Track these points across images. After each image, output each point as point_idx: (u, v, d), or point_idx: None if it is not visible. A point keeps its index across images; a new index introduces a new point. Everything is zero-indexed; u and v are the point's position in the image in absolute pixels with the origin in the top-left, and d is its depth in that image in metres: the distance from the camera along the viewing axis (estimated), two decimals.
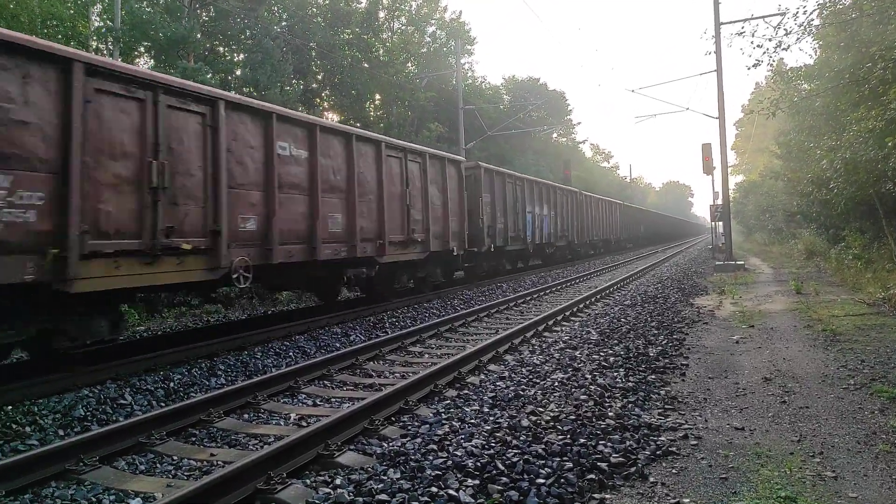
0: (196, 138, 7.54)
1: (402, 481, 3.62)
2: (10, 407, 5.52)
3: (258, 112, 8.58)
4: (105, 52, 19.29)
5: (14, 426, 5.11)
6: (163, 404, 5.96)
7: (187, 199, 7.37)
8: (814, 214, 21.97)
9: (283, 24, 25.89)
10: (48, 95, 5.92)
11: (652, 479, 3.73)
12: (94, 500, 3.86)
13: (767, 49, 15.48)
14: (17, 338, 6.07)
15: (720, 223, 25.00)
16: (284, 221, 8.84)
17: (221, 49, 24.70)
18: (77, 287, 6.01)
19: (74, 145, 6.05)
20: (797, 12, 15.51)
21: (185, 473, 4.30)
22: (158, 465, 4.47)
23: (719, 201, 24.03)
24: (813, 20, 15.13)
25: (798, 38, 15.33)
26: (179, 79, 8.06)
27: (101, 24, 21.00)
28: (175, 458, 4.55)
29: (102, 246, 6.31)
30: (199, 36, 21.16)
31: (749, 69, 16.98)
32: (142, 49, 21.22)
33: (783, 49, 15.49)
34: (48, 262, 5.77)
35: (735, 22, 20.26)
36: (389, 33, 33.22)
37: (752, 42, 19.64)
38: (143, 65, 21.32)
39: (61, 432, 5.14)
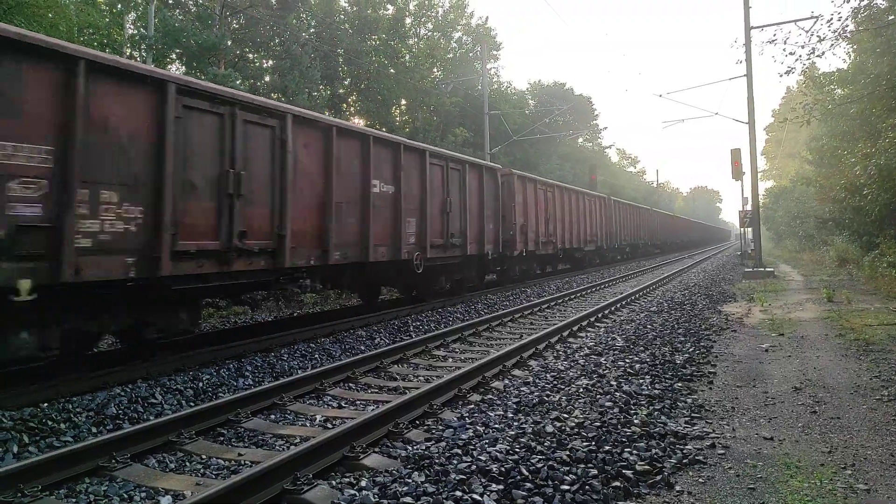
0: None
1: (426, 485, 3.64)
2: (45, 404, 5.68)
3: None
4: (138, 58, 19.75)
5: (49, 423, 5.25)
6: (192, 404, 6.07)
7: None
8: (846, 221, 21.49)
9: (312, 30, 26.25)
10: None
11: (678, 488, 3.69)
12: (125, 496, 3.95)
13: (800, 56, 15.25)
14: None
15: (749, 229, 24.59)
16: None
17: (251, 55, 25.12)
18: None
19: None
20: (831, 18, 15.13)
21: (214, 472, 4.37)
22: (188, 463, 4.56)
23: (748, 207, 23.65)
24: (847, 26, 14.83)
25: (832, 45, 15.04)
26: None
27: (135, 31, 21.53)
28: (204, 457, 4.64)
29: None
30: (229, 43, 21.55)
31: (781, 76, 16.73)
32: (173, 56, 21.68)
33: (817, 56, 15.21)
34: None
35: (766, 26, 19.95)
36: (416, 39, 33.43)
37: (784, 49, 19.28)
38: (175, 71, 21.75)
39: (94, 430, 5.27)
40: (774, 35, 18.40)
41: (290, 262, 8.43)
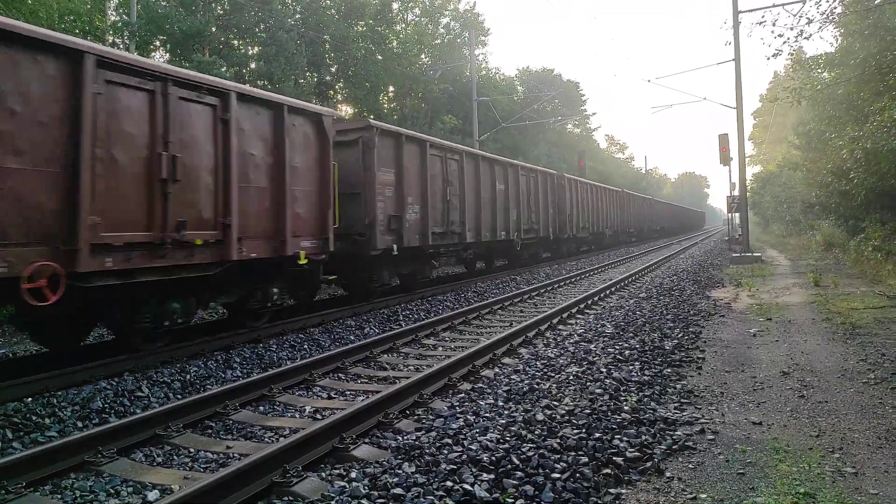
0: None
1: (417, 475, 3.62)
2: (30, 398, 5.60)
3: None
4: (121, 46, 19.41)
5: (34, 418, 5.18)
6: (179, 396, 6.01)
7: None
8: (833, 205, 21.64)
9: (297, 16, 25.87)
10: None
11: (668, 474, 3.69)
12: (112, 491, 3.90)
13: (788, 39, 15.23)
14: None
15: (737, 214, 24.70)
16: None
17: (236, 42, 24.75)
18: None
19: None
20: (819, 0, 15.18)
21: (202, 466, 4.33)
22: (175, 457, 4.51)
23: (736, 192, 23.75)
24: (836, 8, 14.83)
25: (820, 27, 15.04)
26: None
27: (118, 18, 21.15)
28: (192, 450, 4.60)
29: None
30: (213, 29, 21.25)
31: (769, 59, 16.72)
32: (157, 43, 21.34)
33: (805, 38, 15.23)
34: None
35: (754, 10, 19.96)
36: (403, 25, 33.12)
37: (772, 31, 19.20)
38: (159, 58, 21.45)
39: (80, 424, 5.21)
40: (763, 17, 18.31)
41: None
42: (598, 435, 4.18)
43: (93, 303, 6.78)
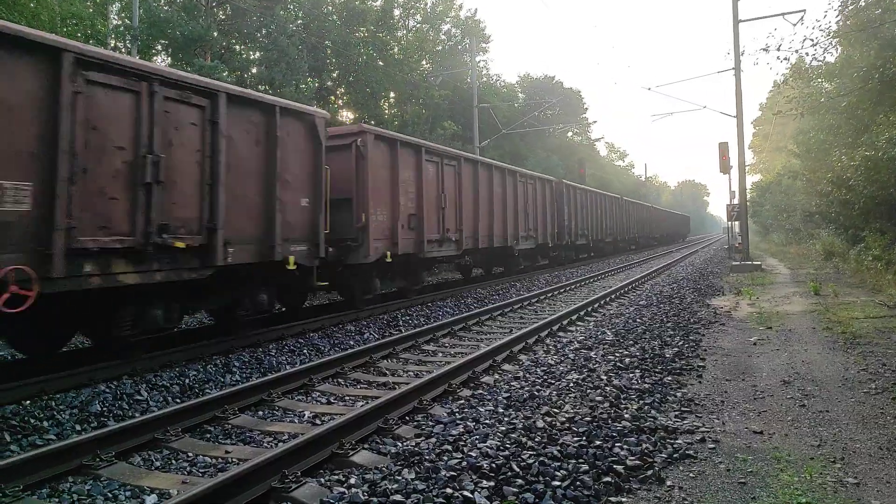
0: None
1: (416, 482, 3.60)
2: (28, 401, 5.58)
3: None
4: (123, 49, 19.46)
5: (32, 421, 5.16)
6: (178, 400, 5.98)
7: None
8: (833, 214, 21.66)
9: (299, 22, 25.95)
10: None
11: (669, 483, 3.68)
12: (109, 495, 3.88)
13: (793, 65, 15.32)
14: None
15: (737, 223, 24.72)
16: None
17: (237, 47, 24.83)
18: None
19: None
20: (825, 15, 15.42)
21: (201, 470, 4.31)
22: (174, 461, 4.49)
23: (736, 201, 23.78)
24: (831, 24, 14.94)
25: (825, 50, 15.08)
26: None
27: (120, 22, 21.22)
28: (190, 454, 4.57)
29: None
30: (215, 34, 21.30)
31: (779, 85, 16.77)
32: (159, 47, 21.40)
33: (813, 58, 15.26)
34: None
35: (754, 20, 19.99)
36: (404, 31, 33.24)
37: (778, 56, 19.35)
38: (161, 62, 21.51)
39: (78, 427, 5.18)
40: (767, 44, 18.46)
41: None
42: (598, 443, 4.16)
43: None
